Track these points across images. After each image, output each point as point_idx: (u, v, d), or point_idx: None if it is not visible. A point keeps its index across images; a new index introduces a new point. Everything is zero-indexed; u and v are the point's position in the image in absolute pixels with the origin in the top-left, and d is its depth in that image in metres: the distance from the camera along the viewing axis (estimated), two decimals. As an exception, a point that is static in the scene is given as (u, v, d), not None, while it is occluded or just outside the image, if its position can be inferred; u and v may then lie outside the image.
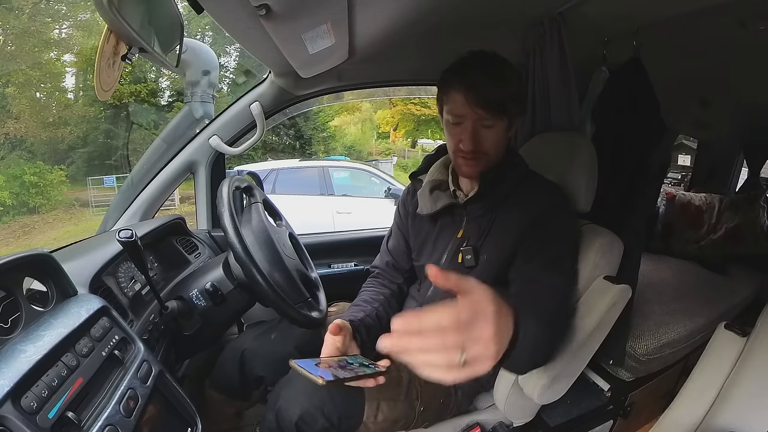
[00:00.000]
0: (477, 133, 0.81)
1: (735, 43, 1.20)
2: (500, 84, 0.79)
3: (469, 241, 0.90)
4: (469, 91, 0.78)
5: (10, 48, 9.04)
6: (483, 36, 1.19)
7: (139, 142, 8.02)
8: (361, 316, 0.91)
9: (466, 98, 0.79)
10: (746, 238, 1.88)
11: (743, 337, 0.76)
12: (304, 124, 12.70)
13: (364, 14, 0.86)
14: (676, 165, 2.58)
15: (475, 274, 0.89)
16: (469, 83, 0.79)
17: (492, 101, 0.78)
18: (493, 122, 0.80)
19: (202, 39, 11.10)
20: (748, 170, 2.22)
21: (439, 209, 0.92)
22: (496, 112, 0.79)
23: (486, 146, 0.82)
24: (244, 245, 0.86)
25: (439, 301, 0.93)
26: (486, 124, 0.80)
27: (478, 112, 0.79)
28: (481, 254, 0.89)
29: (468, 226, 0.91)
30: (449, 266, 0.92)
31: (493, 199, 0.88)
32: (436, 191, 0.94)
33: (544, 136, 1.16)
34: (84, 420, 0.56)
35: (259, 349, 1.03)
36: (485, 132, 0.81)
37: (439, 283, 0.42)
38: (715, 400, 0.73)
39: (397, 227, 1.08)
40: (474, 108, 0.79)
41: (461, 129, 0.82)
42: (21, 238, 7.75)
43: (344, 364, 0.65)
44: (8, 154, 9.09)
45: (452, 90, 0.81)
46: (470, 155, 0.83)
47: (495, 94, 0.78)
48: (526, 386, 0.90)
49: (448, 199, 0.92)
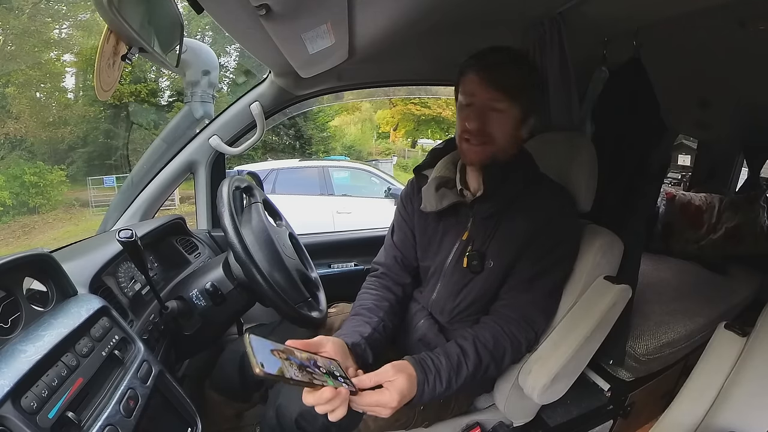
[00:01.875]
0: (485, 114, 0.80)
1: (735, 44, 1.20)
2: (514, 68, 0.80)
3: (474, 244, 0.88)
4: (482, 71, 0.79)
5: (10, 48, 9.03)
6: (483, 36, 1.19)
7: (139, 142, 8.02)
8: (369, 331, 0.82)
9: (480, 78, 0.79)
10: (746, 238, 1.88)
11: (743, 337, 0.76)
12: (304, 124, 12.69)
13: (364, 14, 0.86)
14: (676, 165, 2.58)
15: (480, 279, 0.88)
16: (483, 64, 0.80)
17: (504, 83, 0.78)
18: (504, 106, 0.80)
19: (202, 39, 11.09)
20: (748, 170, 2.22)
21: (444, 207, 0.89)
22: (508, 95, 0.79)
23: (492, 129, 0.81)
24: (244, 245, 0.86)
25: (444, 304, 0.91)
26: (496, 107, 0.80)
27: (490, 92, 0.79)
28: (487, 260, 0.87)
29: (473, 227, 0.89)
30: (454, 269, 0.91)
31: (501, 200, 0.86)
32: (443, 188, 0.91)
33: (544, 136, 1.16)
34: (84, 420, 0.56)
35: None
36: (494, 115, 0.80)
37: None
38: (715, 400, 0.73)
39: (402, 221, 1.02)
40: (486, 87, 0.79)
41: (470, 109, 0.81)
42: (21, 238, 7.75)
43: (308, 364, 0.57)
44: (8, 154, 9.08)
45: (468, 72, 0.82)
46: (476, 138, 0.82)
47: (508, 76, 0.78)
48: (526, 386, 0.90)
49: (455, 198, 0.89)
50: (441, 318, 0.96)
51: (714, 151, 2.25)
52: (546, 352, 0.90)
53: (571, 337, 0.87)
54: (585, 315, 0.87)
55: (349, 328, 0.83)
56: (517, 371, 0.93)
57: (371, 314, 0.88)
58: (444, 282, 0.93)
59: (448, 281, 0.92)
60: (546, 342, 0.90)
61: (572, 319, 0.89)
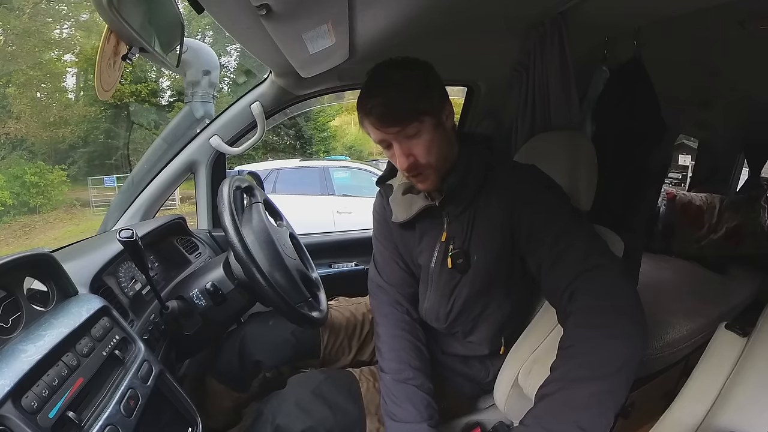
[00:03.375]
0: (406, 148, 0.76)
1: (735, 43, 1.20)
2: (394, 93, 0.73)
3: (455, 243, 0.86)
4: (371, 116, 0.75)
5: (10, 48, 9.06)
6: (483, 36, 1.19)
7: (140, 141, 8.05)
8: (427, 407, 0.82)
9: (374, 124, 0.75)
10: (747, 238, 1.88)
11: (744, 337, 0.76)
12: (305, 123, 12.69)
13: (364, 14, 0.86)
14: (676, 165, 2.58)
15: (468, 276, 0.87)
16: (366, 110, 0.75)
17: (395, 115, 0.73)
18: (414, 129, 0.74)
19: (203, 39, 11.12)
20: (749, 170, 2.21)
21: (415, 214, 0.86)
22: (407, 120, 0.73)
23: (422, 157, 0.76)
24: (245, 245, 0.86)
25: (438, 310, 0.87)
26: (408, 134, 0.74)
27: (390, 130, 0.74)
28: (472, 255, 0.86)
29: (450, 227, 0.87)
30: (441, 272, 0.90)
31: (469, 195, 0.83)
32: (409, 194, 0.88)
33: (544, 136, 1.16)
34: (84, 420, 0.56)
35: (257, 333, 1.04)
36: (413, 142, 0.75)
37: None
38: (715, 400, 0.73)
39: (383, 236, 0.98)
40: (385, 129, 0.74)
41: (392, 152, 0.78)
42: (22, 237, 7.78)
43: None
44: (9, 154, 9.11)
45: (363, 122, 0.78)
46: (413, 171, 0.78)
47: (394, 106, 0.73)
48: (526, 386, 0.90)
49: (424, 202, 0.86)
50: (437, 325, 0.95)
51: (715, 151, 2.25)
52: (546, 352, 0.89)
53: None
54: (585, 315, 0.86)
55: (413, 414, 0.81)
56: (517, 371, 0.92)
57: (423, 393, 0.84)
58: (434, 287, 0.92)
59: (437, 285, 0.91)
60: (546, 342, 0.90)
61: (573, 319, 0.89)
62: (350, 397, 0.89)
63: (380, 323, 0.94)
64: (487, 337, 0.94)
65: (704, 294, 1.55)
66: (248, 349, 1.02)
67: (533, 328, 0.95)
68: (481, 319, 0.93)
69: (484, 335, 0.94)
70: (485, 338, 0.94)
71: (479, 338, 0.95)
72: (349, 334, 1.11)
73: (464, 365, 0.99)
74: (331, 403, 0.86)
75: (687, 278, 1.70)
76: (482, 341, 0.95)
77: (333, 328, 1.09)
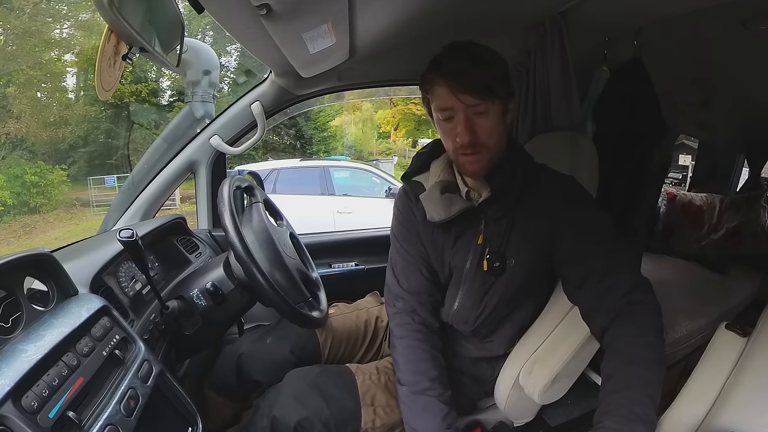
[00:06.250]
0: (471, 123, 0.75)
1: (736, 43, 1.20)
2: (480, 66, 0.74)
3: (491, 246, 0.85)
4: (450, 79, 0.74)
5: (11, 48, 9.06)
6: (484, 36, 1.18)
7: (140, 141, 8.04)
8: (445, 417, 0.83)
9: (450, 88, 0.74)
10: (747, 238, 1.88)
11: (744, 338, 0.76)
12: (305, 123, 12.70)
13: (364, 14, 0.86)
14: (676, 165, 2.57)
15: (503, 280, 0.86)
16: (448, 71, 0.74)
17: (477, 84, 0.73)
18: (485, 107, 0.75)
19: (203, 39, 11.12)
20: (749, 170, 2.21)
21: (455, 215, 0.83)
22: (485, 95, 0.74)
23: (484, 136, 0.76)
24: (245, 245, 0.86)
25: (468, 313, 0.88)
26: (478, 111, 0.75)
27: (466, 99, 0.74)
28: (509, 260, 0.84)
29: (487, 229, 0.85)
30: (475, 275, 0.88)
31: (510, 198, 0.83)
32: (447, 194, 0.85)
33: (544, 135, 1.16)
34: (84, 420, 0.56)
35: (255, 353, 1.02)
36: (479, 120, 0.76)
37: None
38: (715, 400, 0.73)
39: (406, 251, 0.93)
40: (460, 96, 0.74)
41: (454, 123, 0.77)
42: (22, 237, 7.77)
43: None
44: (9, 153, 9.11)
45: (435, 84, 0.77)
46: (470, 149, 0.77)
47: (478, 76, 0.73)
48: (527, 386, 0.90)
49: (464, 203, 0.84)
50: (463, 328, 0.94)
51: (715, 151, 2.25)
52: (547, 352, 0.89)
53: (572, 337, 0.87)
54: (586, 315, 0.86)
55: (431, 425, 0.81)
56: (517, 371, 0.92)
57: (441, 403, 0.84)
58: (465, 290, 0.90)
59: (470, 288, 0.90)
60: (547, 342, 0.90)
61: (573, 319, 0.88)
62: (346, 389, 0.89)
63: (396, 334, 0.92)
64: (508, 338, 0.95)
65: (704, 294, 1.55)
66: (246, 368, 1.01)
67: (535, 328, 0.95)
68: (506, 320, 0.93)
69: (506, 336, 0.94)
70: (506, 339, 0.95)
71: (500, 339, 0.95)
72: (350, 346, 1.10)
73: (473, 366, 0.99)
74: (327, 395, 0.86)
75: (687, 278, 1.70)
76: (502, 342, 0.95)
77: (334, 341, 1.07)
